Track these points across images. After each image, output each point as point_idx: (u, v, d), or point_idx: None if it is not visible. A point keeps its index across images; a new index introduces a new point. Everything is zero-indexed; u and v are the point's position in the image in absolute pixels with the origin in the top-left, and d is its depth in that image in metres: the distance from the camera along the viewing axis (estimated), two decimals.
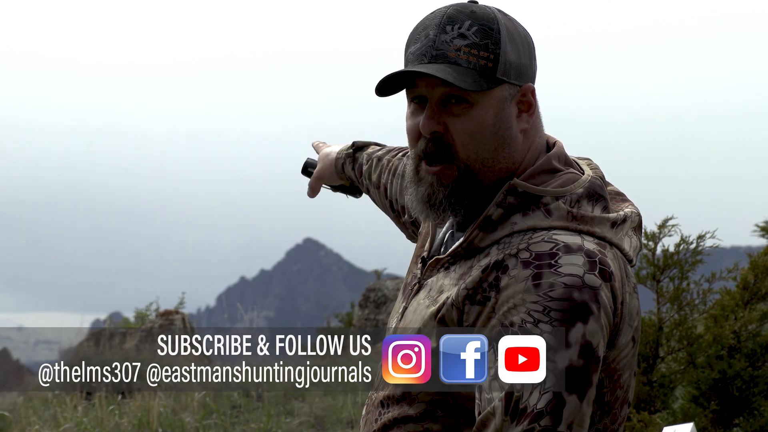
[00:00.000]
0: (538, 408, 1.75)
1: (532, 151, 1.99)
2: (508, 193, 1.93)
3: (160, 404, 10.12)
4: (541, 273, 1.81)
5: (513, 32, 1.97)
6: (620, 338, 1.87)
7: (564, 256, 1.82)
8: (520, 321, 1.80)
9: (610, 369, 1.88)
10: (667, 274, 6.21)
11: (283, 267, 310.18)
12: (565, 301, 1.79)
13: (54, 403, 10.87)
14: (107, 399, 10.57)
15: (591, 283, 1.81)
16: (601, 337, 1.81)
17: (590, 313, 1.79)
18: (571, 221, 1.90)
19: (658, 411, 5.91)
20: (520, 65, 1.96)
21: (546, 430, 1.74)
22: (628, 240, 1.97)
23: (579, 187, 1.95)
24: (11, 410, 11.19)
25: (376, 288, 14.58)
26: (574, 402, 1.76)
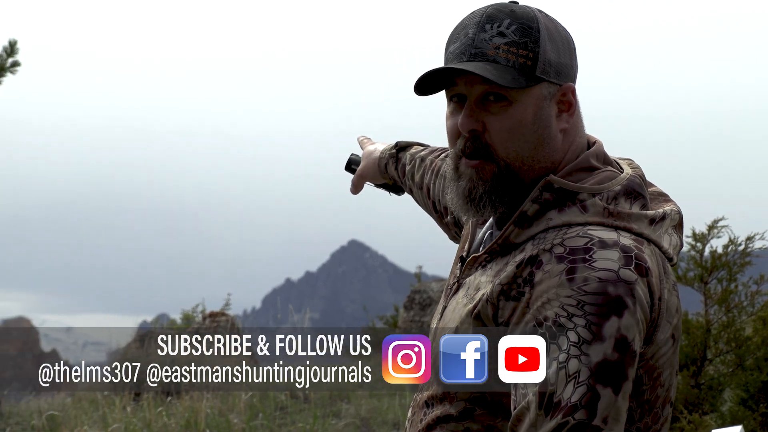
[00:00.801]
0: (572, 401, 1.74)
1: (572, 150, 1.99)
2: (544, 189, 1.92)
3: (207, 405, 10.18)
4: (575, 267, 1.80)
5: (553, 31, 1.96)
6: (658, 334, 1.86)
7: (599, 251, 1.82)
8: (553, 315, 1.79)
9: (648, 366, 1.86)
10: (715, 275, 6.17)
11: (328, 269, 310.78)
12: (599, 295, 1.78)
13: (103, 404, 10.96)
14: (155, 400, 10.64)
15: (626, 278, 1.80)
16: (637, 332, 1.79)
17: (625, 308, 1.78)
18: (607, 217, 1.89)
19: (706, 413, 5.87)
20: (560, 64, 1.96)
21: (581, 423, 1.73)
22: (668, 238, 1.96)
23: (617, 184, 1.94)
24: (61, 411, 11.29)
25: (421, 290, 14.57)
26: (609, 395, 1.75)
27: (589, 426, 1.73)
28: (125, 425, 9.96)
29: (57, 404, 11.96)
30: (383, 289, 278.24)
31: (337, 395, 10.99)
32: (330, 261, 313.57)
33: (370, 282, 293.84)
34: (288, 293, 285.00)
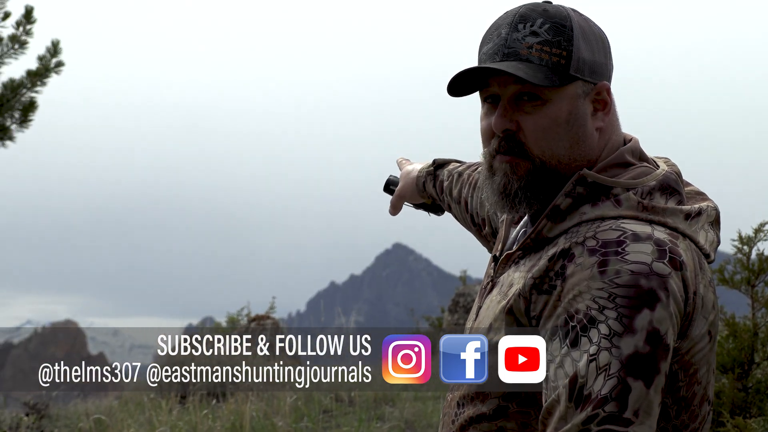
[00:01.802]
0: (602, 394, 1.73)
1: (609, 148, 1.98)
2: (578, 183, 1.92)
3: (252, 408, 10.22)
4: (607, 260, 1.79)
5: (587, 30, 1.96)
6: (693, 329, 1.85)
7: (632, 243, 1.81)
8: (585, 308, 1.78)
9: (684, 361, 1.85)
10: (762, 278, 6.12)
11: (373, 272, 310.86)
12: (631, 287, 1.76)
13: (149, 406, 11.03)
14: (201, 403, 10.70)
15: (659, 271, 1.78)
16: (671, 326, 1.78)
17: (658, 300, 1.77)
18: (641, 211, 1.88)
19: (753, 417, 5.82)
20: (594, 63, 1.96)
21: (611, 416, 1.72)
22: (704, 234, 1.94)
23: (652, 179, 1.94)
24: (107, 414, 11.38)
25: (466, 293, 14.55)
26: (641, 388, 1.73)
27: (620, 419, 1.72)
28: (171, 428, 10.03)
29: (104, 407, 12.06)
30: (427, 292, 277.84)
31: (381, 398, 11.00)
32: (374, 264, 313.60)
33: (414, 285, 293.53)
34: (332, 296, 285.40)
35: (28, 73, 9.52)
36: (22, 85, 9.45)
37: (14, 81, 9.44)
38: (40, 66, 9.54)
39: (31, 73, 9.50)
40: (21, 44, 9.39)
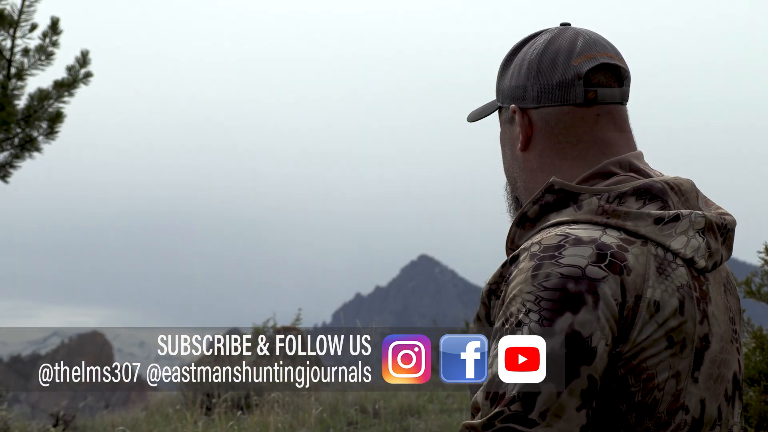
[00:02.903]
0: (511, 393, 1.74)
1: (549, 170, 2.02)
2: (546, 191, 1.93)
3: (277, 420, 10.23)
4: (541, 264, 1.80)
5: (527, 56, 2.04)
6: (636, 333, 1.81)
7: (570, 248, 1.81)
8: (516, 311, 1.79)
9: (632, 366, 1.82)
10: None
11: (399, 283, 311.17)
12: (557, 290, 1.77)
13: (174, 418, 11.06)
14: (226, 414, 10.72)
15: (592, 275, 1.78)
16: (598, 329, 1.76)
17: (583, 304, 1.76)
18: (599, 215, 1.88)
19: None
20: (511, 88, 2.05)
21: (515, 415, 1.73)
22: (684, 239, 1.90)
23: (628, 186, 1.92)
24: (133, 425, 11.42)
25: None
26: (550, 391, 1.74)
27: (524, 419, 1.73)
28: None
29: (130, 418, 12.10)
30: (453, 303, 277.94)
31: (407, 410, 10.99)
32: (400, 276, 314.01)
33: (440, 297, 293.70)
34: (358, 308, 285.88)
35: (55, 83, 9.58)
36: (49, 96, 9.51)
37: (42, 91, 9.50)
38: (68, 76, 9.60)
39: (59, 83, 9.57)
40: (47, 55, 9.45)
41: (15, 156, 9.49)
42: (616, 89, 2.01)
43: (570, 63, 1.98)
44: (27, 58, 9.37)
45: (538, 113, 2.00)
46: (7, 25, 9.20)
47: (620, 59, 2.03)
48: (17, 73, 9.32)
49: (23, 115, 9.41)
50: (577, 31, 2.03)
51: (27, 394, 33.72)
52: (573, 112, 1.99)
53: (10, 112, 9.07)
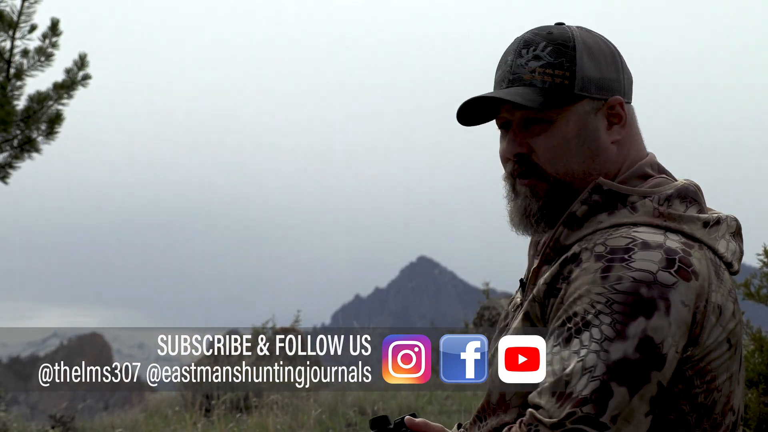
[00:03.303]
0: (583, 394, 1.74)
1: (630, 161, 2.01)
2: (593, 191, 1.94)
3: (276, 421, 10.22)
4: (611, 266, 1.80)
5: (594, 48, 2.00)
6: (705, 337, 1.84)
7: (640, 251, 1.82)
8: (582, 311, 1.79)
9: (699, 368, 1.84)
10: None
11: (398, 285, 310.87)
12: (630, 294, 1.77)
13: (173, 420, 11.05)
14: (225, 416, 10.71)
15: (664, 281, 1.79)
16: (669, 335, 1.78)
17: (655, 309, 1.77)
18: (657, 218, 1.89)
19: None
20: (602, 79, 1.99)
21: (587, 417, 1.73)
22: (725, 243, 1.95)
23: (670, 188, 1.95)
24: (133, 427, 11.40)
25: (490, 306, 14.52)
26: (623, 395, 1.74)
27: (596, 422, 1.73)
28: None
29: (129, 420, 12.08)
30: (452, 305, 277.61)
31: (406, 411, 10.98)
32: (399, 277, 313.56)
33: (440, 298, 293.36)
34: (357, 309, 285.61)
35: (54, 85, 9.57)
36: (48, 98, 9.50)
37: (41, 93, 9.50)
38: (66, 78, 9.59)
39: (58, 85, 9.56)
40: (47, 57, 9.44)
41: (14, 157, 9.48)
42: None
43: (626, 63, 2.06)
44: (26, 59, 9.35)
45: (627, 107, 2.03)
46: (6, 26, 9.19)
47: None
48: (16, 74, 9.31)
49: (22, 116, 9.40)
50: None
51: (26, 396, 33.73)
52: (633, 109, 2.05)
53: (9, 112, 9.06)
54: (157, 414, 11.90)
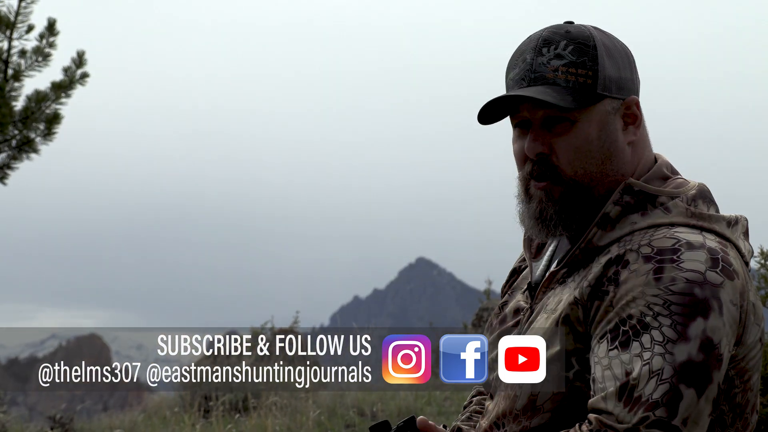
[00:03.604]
0: (654, 398, 1.73)
1: (643, 162, 2.01)
2: (625, 192, 1.94)
3: (275, 423, 10.21)
4: (662, 267, 1.80)
5: (611, 47, 1.99)
6: (747, 335, 1.86)
7: (686, 252, 1.82)
8: (639, 314, 1.78)
9: (740, 368, 1.86)
10: None
11: (396, 286, 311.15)
12: (686, 295, 1.78)
13: (172, 421, 11.04)
14: (224, 417, 10.70)
15: (713, 280, 1.80)
16: (724, 335, 1.79)
17: (711, 309, 1.78)
18: (690, 217, 1.90)
19: None
20: (620, 79, 1.98)
21: (660, 421, 1.72)
22: (743, 242, 1.97)
23: (692, 188, 1.96)
24: (131, 428, 11.39)
25: (490, 307, 14.52)
26: (692, 396, 1.74)
27: (669, 425, 1.72)
28: None
29: (128, 421, 12.07)
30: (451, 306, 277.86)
31: (405, 412, 10.97)
32: (398, 278, 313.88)
33: (438, 299, 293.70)
34: (356, 310, 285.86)
35: (52, 85, 9.56)
36: (46, 98, 9.49)
37: (39, 93, 9.48)
38: (65, 78, 9.58)
39: (56, 85, 9.55)
40: (44, 56, 9.43)
41: (12, 157, 9.47)
42: None
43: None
44: (24, 60, 9.35)
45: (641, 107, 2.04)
46: (3, 27, 9.18)
47: None
48: (14, 75, 9.30)
49: (20, 116, 9.38)
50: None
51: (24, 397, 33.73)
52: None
53: (7, 113, 9.05)
54: (156, 415, 11.89)
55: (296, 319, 14.27)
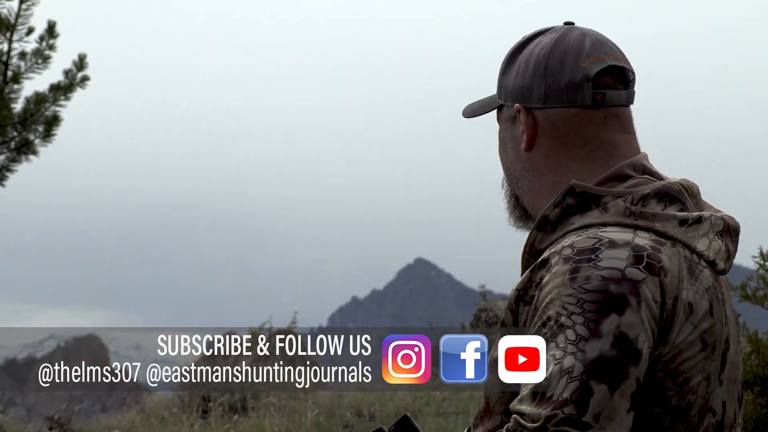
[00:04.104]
0: (563, 396, 1.72)
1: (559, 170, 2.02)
2: (567, 193, 1.93)
3: (273, 423, 10.23)
4: (579, 267, 1.79)
5: (529, 55, 2.02)
6: (674, 335, 1.82)
7: (606, 250, 1.80)
8: (555, 315, 1.78)
9: (670, 369, 1.82)
10: None
11: (395, 287, 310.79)
12: (600, 293, 1.76)
13: (170, 421, 11.05)
14: (222, 417, 10.71)
15: (632, 277, 1.78)
16: (642, 331, 1.77)
17: (627, 305, 1.76)
18: (627, 217, 1.88)
19: None
20: (516, 87, 2.03)
21: (569, 418, 1.71)
22: (706, 242, 1.91)
23: (648, 188, 1.93)
24: (129, 429, 11.41)
25: (488, 308, 14.54)
26: (604, 392, 1.72)
27: (578, 422, 1.71)
28: None
29: (126, 421, 12.09)
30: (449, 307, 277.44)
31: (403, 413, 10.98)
32: (396, 279, 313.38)
33: (437, 300, 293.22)
34: (354, 311, 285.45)
35: (51, 87, 9.58)
36: (45, 100, 9.51)
37: (38, 95, 9.51)
38: (65, 80, 9.60)
39: (55, 87, 9.57)
40: (44, 59, 9.45)
41: (12, 159, 9.49)
42: (623, 91, 2.02)
43: (578, 64, 1.99)
44: (24, 62, 9.37)
45: (544, 114, 2.00)
46: (3, 29, 9.20)
47: (626, 61, 2.04)
48: (14, 77, 9.32)
49: (20, 118, 9.41)
50: (584, 32, 2.03)
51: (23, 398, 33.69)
52: (580, 113, 1.99)
53: (6, 115, 9.07)
54: (154, 416, 11.90)
55: (294, 319, 14.29)
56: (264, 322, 13.61)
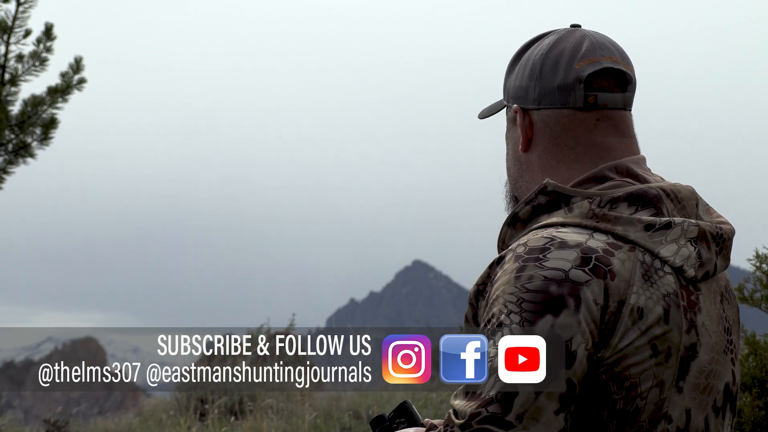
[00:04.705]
0: (489, 394, 1.74)
1: (546, 171, 2.01)
2: (539, 192, 1.93)
3: (271, 426, 10.22)
4: (525, 266, 1.79)
5: (531, 56, 2.03)
6: (617, 340, 1.80)
7: (555, 251, 1.80)
8: (497, 312, 1.79)
9: (614, 373, 1.80)
10: None
11: (393, 289, 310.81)
12: (539, 293, 1.76)
13: (168, 424, 11.04)
14: (220, 420, 10.71)
15: (575, 278, 1.77)
16: (578, 333, 1.76)
17: (564, 307, 1.76)
18: (589, 218, 1.86)
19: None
20: (515, 88, 2.04)
21: (493, 416, 1.72)
22: (674, 247, 1.87)
23: (622, 191, 1.90)
24: (127, 431, 11.40)
25: None
26: (528, 393, 1.73)
27: (501, 421, 1.72)
28: None
29: (124, 424, 12.08)
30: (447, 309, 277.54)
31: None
32: (394, 281, 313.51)
33: (435, 302, 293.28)
34: (352, 313, 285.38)
35: (49, 89, 9.58)
36: (42, 102, 9.51)
37: (35, 97, 9.50)
38: (62, 83, 9.60)
39: (52, 89, 9.57)
40: (41, 61, 9.45)
41: (9, 162, 9.49)
42: (619, 94, 1.99)
43: (572, 66, 1.98)
44: (21, 64, 9.37)
45: (539, 115, 2.00)
46: (0, 31, 9.20)
47: (627, 64, 2.01)
48: (11, 79, 9.32)
49: (17, 120, 9.40)
50: (585, 34, 2.02)
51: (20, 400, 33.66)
52: (572, 115, 1.98)
53: (3, 118, 9.06)
54: (152, 418, 11.89)
55: (292, 321, 14.28)
56: (262, 325, 13.60)
